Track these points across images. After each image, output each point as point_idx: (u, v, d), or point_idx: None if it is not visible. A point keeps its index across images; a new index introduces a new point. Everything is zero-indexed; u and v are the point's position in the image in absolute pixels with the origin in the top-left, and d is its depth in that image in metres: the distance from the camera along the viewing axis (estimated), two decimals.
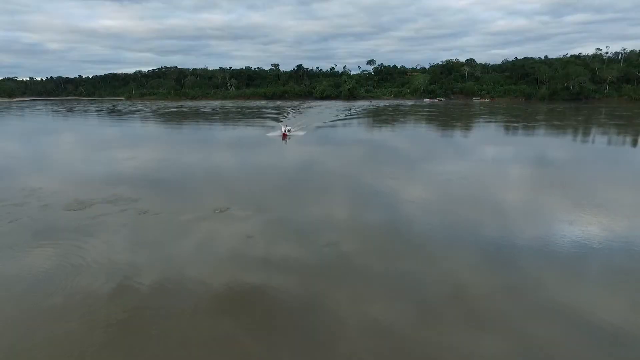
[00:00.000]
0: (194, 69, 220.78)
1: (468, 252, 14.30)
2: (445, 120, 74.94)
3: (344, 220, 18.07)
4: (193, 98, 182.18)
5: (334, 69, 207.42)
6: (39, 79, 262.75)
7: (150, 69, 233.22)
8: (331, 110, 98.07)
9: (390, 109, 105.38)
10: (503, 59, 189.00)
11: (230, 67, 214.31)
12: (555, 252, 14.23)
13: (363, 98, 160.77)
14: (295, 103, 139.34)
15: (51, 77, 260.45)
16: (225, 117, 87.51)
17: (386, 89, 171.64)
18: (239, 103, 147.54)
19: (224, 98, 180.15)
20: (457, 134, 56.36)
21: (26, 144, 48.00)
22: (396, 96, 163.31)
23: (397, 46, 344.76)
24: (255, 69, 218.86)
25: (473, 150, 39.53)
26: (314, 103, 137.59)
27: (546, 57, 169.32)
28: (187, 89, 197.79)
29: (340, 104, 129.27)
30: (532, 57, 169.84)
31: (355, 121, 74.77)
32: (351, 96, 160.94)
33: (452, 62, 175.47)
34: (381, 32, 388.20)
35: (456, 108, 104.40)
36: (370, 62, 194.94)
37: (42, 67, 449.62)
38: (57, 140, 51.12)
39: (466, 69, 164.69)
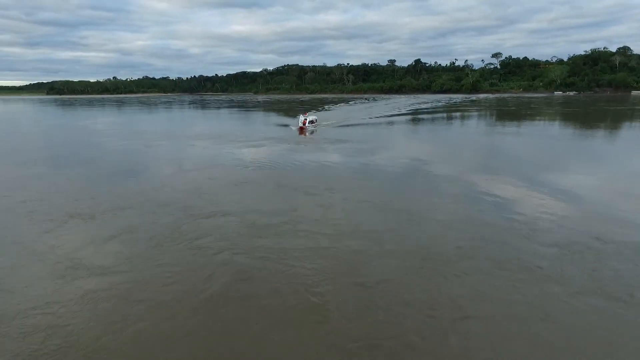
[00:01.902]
0: (314, 66, 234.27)
1: None
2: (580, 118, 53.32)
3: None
4: (312, 92, 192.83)
5: (454, 63, 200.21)
6: (184, 78, 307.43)
7: (275, 67, 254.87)
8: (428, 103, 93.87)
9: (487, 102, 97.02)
10: None
11: (348, 64, 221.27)
12: None
13: (487, 92, 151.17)
14: (401, 96, 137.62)
15: (193, 76, 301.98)
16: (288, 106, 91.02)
17: (514, 82, 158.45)
18: (347, 96, 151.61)
19: (341, 92, 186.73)
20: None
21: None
22: (526, 89, 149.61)
23: (526, 39, 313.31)
24: (371, 64, 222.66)
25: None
26: (420, 96, 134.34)
27: None
28: (307, 84, 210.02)
29: (444, 97, 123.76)
30: None
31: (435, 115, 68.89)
32: (473, 90, 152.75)
33: (598, 51, 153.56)
34: (507, 25, 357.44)
35: (602, 102, 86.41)
36: (496, 55, 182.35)
37: (185, 69, 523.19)
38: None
39: (617, 59, 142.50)
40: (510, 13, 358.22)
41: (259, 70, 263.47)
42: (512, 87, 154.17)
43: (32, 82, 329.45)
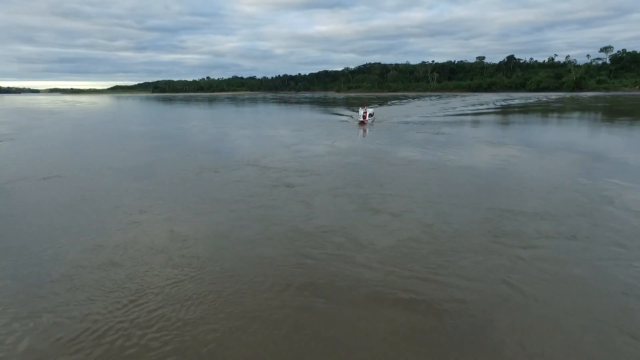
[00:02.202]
0: (396, 64, 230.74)
1: None
2: None
3: None
4: (394, 90, 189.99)
5: (552, 59, 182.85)
6: (269, 77, 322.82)
7: (357, 65, 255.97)
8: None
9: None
10: None
11: (433, 61, 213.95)
12: None
13: (593, 90, 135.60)
14: (488, 95, 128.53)
15: (278, 75, 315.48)
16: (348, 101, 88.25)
17: (627, 79, 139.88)
18: (430, 94, 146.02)
19: (425, 91, 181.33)
20: None
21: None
22: None
23: None
24: (457, 62, 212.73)
25: None
26: (512, 94, 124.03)
27: None
28: (389, 82, 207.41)
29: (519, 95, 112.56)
30: None
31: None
32: (576, 87, 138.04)
33: None
34: (618, 16, 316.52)
35: None
36: (605, 49, 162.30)
37: (269, 69, 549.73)
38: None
39: None
40: (624, 1, 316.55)
41: (340, 69, 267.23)
42: (626, 84, 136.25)
43: (140, 82, 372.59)
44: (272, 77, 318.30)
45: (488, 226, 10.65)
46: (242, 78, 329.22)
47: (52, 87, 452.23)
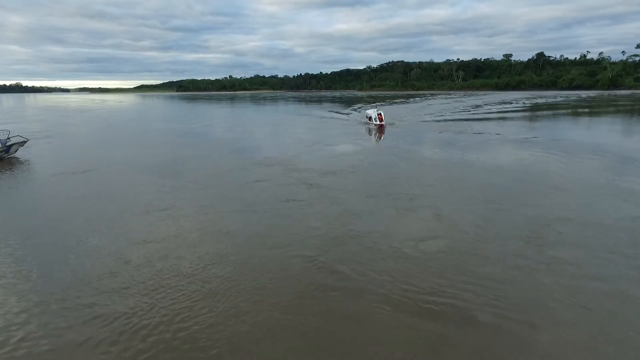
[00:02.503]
0: (420, 62, 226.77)
1: None
2: None
3: None
4: (419, 89, 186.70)
5: (585, 56, 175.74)
6: (290, 76, 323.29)
7: (379, 64, 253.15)
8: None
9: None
10: None
11: (458, 59, 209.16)
12: None
13: (630, 88, 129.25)
14: (523, 94, 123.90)
15: (299, 74, 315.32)
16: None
17: None
18: (457, 93, 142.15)
19: (450, 89, 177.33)
20: None
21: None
22: None
23: None
24: (483, 59, 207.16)
25: None
26: (543, 93, 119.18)
27: None
28: (413, 80, 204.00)
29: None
30: None
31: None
32: (612, 85, 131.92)
33: None
34: None
35: None
36: None
37: (289, 67, 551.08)
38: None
39: None
40: None
41: (362, 67, 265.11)
42: None
43: (165, 81, 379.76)
44: (294, 76, 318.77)
45: (528, 233, 9.56)
46: (263, 77, 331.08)
47: (81, 87, 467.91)
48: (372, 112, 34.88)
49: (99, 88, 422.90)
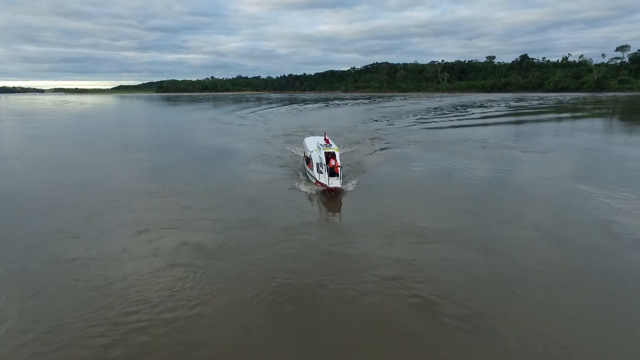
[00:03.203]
0: (405, 64, 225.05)
1: None
2: None
3: None
4: (404, 91, 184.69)
5: (566, 58, 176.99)
6: (273, 77, 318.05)
7: (362, 65, 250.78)
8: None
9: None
10: None
11: (443, 61, 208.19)
12: None
13: (615, 90, 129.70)
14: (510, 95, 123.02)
15: (283, 75, 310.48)
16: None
17: None
18: (440, 95, 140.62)
19: (436, 91, 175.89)
20: None
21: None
22: None
23: None
24: (467, 61, 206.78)
25: None
26: (528, 95, 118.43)
27: None
28: (399, 82, 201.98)
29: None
30: None
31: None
32: (598, 88, 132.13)
33: None
34: (625, 15, 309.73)
35: None
36: (622, 48, 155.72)
37: (272, 69, 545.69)
38: None
39: None
40: (630, 1, 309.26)
41: (346, 68, 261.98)
42: None
43: (144, 82, 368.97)
44: (277, 77, 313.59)
45: None
46: (246, 78, 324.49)
47: (57, 87, 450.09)
48: (314, 147, 19.54)
49: (76, 89, 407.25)
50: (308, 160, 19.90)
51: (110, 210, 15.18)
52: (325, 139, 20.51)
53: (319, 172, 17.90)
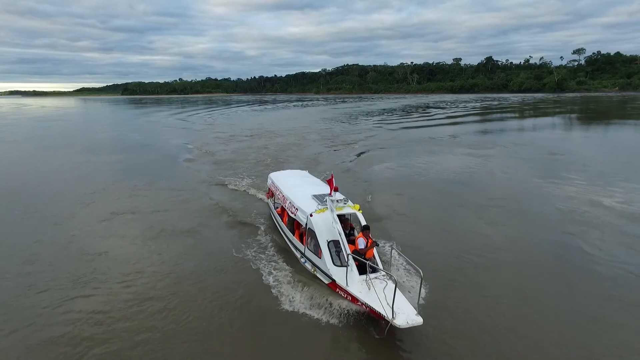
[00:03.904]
0: (375, 65, 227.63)
1: None
2: None
3: None
4: (376, 92, 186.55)
5: (528, 61, 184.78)
6: (244, 79, 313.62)
7: (333, 67, 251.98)
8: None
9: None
10: None
11: (412, 62, 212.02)
12: None
13: (574, 91, 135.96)
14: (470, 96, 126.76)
15: (254, 77, 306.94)
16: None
17: (606, 81, 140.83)
18: (407, 97, 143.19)
19: (407, 92, 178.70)
20: None
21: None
22: (623, 88, 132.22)
23: (601, 35, 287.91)
24: (435, 63, 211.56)
25: None
26: (492, 95, 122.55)
27: None
28: (370, 83, 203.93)
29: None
30: None
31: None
32: (558, 89, 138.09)
33: None
34: (578, 20, 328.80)
35: None
36: (578, 51, 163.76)
37: (242, 70, 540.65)
38: None
39: None
40: (582, 7, 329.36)
41: (317, 70, 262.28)
42: (605, 85, 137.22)
43: (109, 84, 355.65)
44: (248, 79, 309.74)
45: None
46: (216, 80, 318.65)
47: (12, 90, 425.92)
48: (310, 202, 10.34)
49: (34, 91, 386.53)
50: (293, 225, 10.81)
51: None
52: (330, 186, 9.90)
53: (340, 262, 8.68)
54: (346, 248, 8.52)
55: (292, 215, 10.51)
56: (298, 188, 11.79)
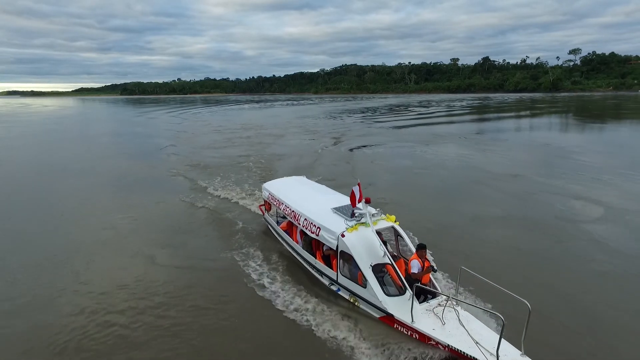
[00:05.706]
0: (373, 65, 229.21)
1: None
2: None
3: None
4: (373, 92, 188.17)
5: (524, 60, 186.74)
6: (243, 79, 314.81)
7: (331, 67, 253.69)
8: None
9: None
10: None
11: (410, 62, 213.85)
12: None
13: (569, 91, 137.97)
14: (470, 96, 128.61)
15: (252, 77, 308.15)
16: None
17: (600, 81, 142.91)
18: (406, 96, 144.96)
19: (404, 92, 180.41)
20: None
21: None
22: (617, 88, 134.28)
23: (598, 35, 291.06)
24: (432, 63, 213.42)
25: None
26: (491, 95, 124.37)
27: None
28: (368, 83, 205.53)
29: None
30: None
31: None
32: (554, 88, 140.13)
33: None
34: (575, 20, 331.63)
35: None
36: (574, 51, 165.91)
37: (240, 70, 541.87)
38: None
39: None
40: (579, 7, 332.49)
41: (315, 70, 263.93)
42: (600, 85, 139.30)
43: (107, 84, 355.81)
44: (246, 79, 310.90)
45: None
46: (215, 80, 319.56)
47: (10, 90, 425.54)
48: (336, 217, 8.95)
49: (32, 91, 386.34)
50: (311, 245, 9.56)
51: None
52: (359, 197, 8.26)
53: (395, 290, 7.49)
54: (400, 275, 7.27)
55: (313, 236, 8.92)
56: (310, 201, 10.20)
